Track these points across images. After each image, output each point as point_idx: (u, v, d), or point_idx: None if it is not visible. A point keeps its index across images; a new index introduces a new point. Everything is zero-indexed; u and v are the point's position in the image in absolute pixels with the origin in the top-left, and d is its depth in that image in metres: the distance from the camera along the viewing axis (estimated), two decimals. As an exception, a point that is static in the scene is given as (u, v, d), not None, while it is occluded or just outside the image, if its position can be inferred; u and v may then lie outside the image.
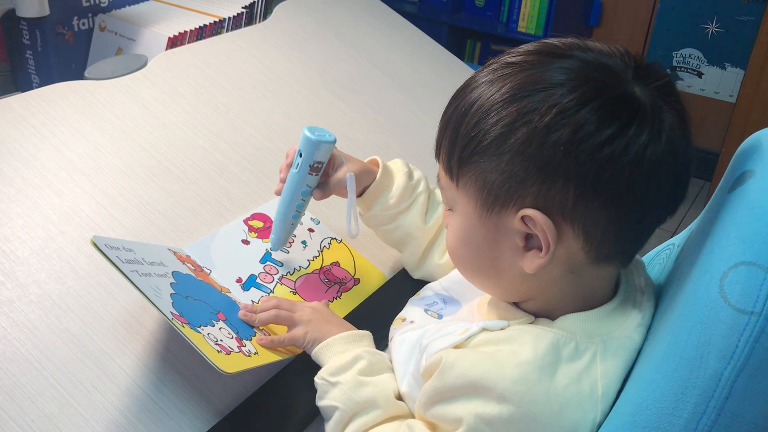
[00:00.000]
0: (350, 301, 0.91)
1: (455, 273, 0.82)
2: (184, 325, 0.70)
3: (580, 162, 0.55)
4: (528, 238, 0.60)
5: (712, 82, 2.71)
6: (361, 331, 0.79)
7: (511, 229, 0.60)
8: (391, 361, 0.76)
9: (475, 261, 0.66)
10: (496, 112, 0.58)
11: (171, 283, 0.76)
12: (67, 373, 0.73)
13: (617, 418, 0.57)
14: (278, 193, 0.89)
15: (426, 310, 0.80)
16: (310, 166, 0.86)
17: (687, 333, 0.52)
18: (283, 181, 0.88)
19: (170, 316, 0.69)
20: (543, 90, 0.56)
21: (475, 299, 0.75)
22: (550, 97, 0.56)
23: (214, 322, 0.75)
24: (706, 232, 0.60)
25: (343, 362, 0.73)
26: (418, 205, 0.90)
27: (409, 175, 0.91)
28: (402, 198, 0.89)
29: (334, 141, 0.86)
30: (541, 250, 0.59)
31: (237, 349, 0.73)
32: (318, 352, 0.76)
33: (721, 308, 0.50)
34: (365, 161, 0.91)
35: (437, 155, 0.66)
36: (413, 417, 0.69)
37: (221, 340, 0.72)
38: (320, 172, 0.87)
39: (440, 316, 0.78)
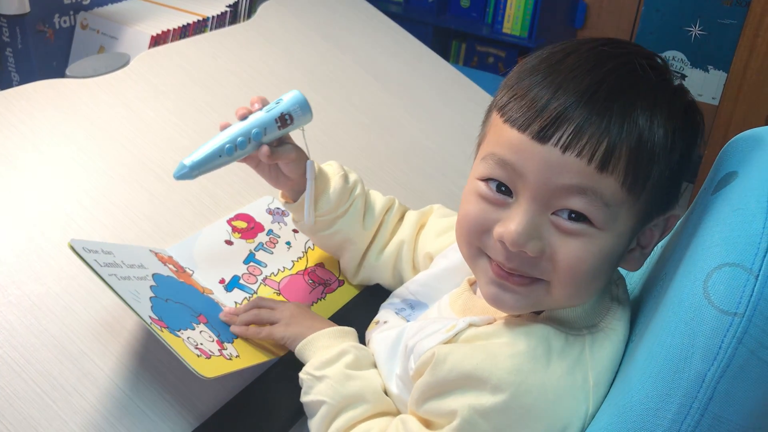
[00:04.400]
0: (335, 302, 0.90)
1: (422, 276, 0.82)
2: (163, 329, 0.69)
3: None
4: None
5: (695, 85, 2.73)
6: (345, 327, 0.79)
7: (639, 233, 0.62)
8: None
9: (603, 279, 0.62)
10: (666, 120, 0.58)
11: (151, 286, 0.75)
12: (47, 375, 0.72)
13: (602, 418, 0.57)
14: (222, 128, 0.80)
15: (397, 313, 0.80)
16: (281, 113, 0.80)
17: (671, 334, 0.52)
18: (239, 117, 0.80)
19: (149, 321, 0.68)
20: (682, 109, 0.60)
21: (442, 298, 0.75)
22: (682, 115, 0.60)
23: (194, 325, 0.74)
24: (689, 233, 0.60)
25: (328, 356, 0.72)
26: (356, 209, 0.87)
27: (345, 178, 0.87)
28: (339, 202, 0.85)
29: (311, 118, 0.83)
30: (645, 248, 0.63)
31: (218, 353, 0.72)
32: (302, 348, 0.75)
33: (705, 309, 0.50)
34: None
35: (604, 167, 0.56)
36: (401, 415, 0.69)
37: (201, 344, 0.71)
38: (283, 129, 0.81)
39: (408, 321, 0.78)
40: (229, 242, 0.93)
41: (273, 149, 0.80)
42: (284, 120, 0.81)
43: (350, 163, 1.15)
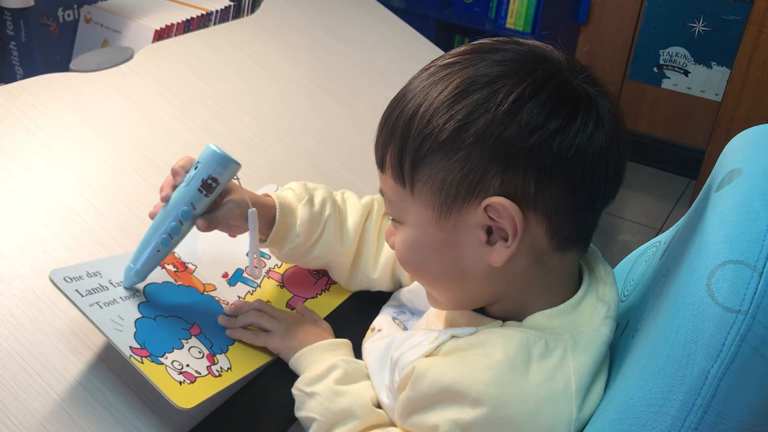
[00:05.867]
0: (338, 294, 0.90)
1: (415, 284, 0.82)
2: (144, 359, 0.69)
3: (536, 150, 0.56)
4: (489, 232, 0.59)
5: (698, 81, 2.73)
6: (339, 339, 0.79)
7: (473, 224, 0.59)
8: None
9: (435, 268, 0.63)
10: (446, 108, 0.57)
11: (140, 304, 0.75)
12: (51, 368, 0.72)
13: (604, 415, 0.57)
14: (152, 216, 0.76)
15: (394, 318, 0.80)
16: (202, 180, 0.73)
17: (674, 331, 0.52)
18: (163, 200, 0.75)
19: (128, 353, 0.68)
20: (489, 84, 0.57)
21: (430, 309, 0.74)
22: (499, 89, 0.56)
23: (183, 341, 0.74)
24: (693, 230, 0.60)
25: (318, 372, 0.72)
26: (330, 231, 0.84)
27: (311, 202, 0.82)
28: (311, 231, 0.82)
29: (239, 166, 0.75)
30: (506, 241, 0.59)
31: (206, 371, 0.72)
32: (295, 362, 0.76)
33: (709, 306, 0.50)
34: (258, 193, 0.82)
35: (382, 168, 0.64)
36: (394, 425, 0.69)
37: (188, 365, 0.71)
38: (212, 195, 0.74)
39: (405, 328, 0.78)
40: (232, 235, 0.93)
41: (210, 217, 0.75)
42: (208, 185, 0.73)
43: (353, 157, 1.15)
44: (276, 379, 0.78)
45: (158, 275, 0.81)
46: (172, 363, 0.71)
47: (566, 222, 0.59)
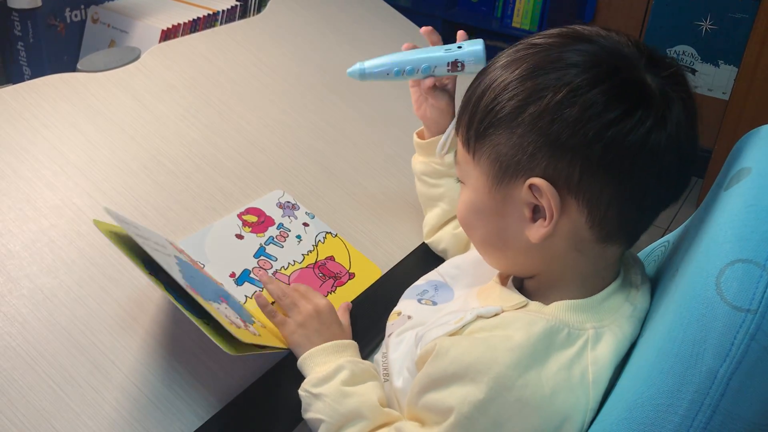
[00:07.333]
0: (345, 295, 0.90)
1: (459, 258, 0.85)
2: (198, 296, 0.71)
3: (587, 140, 0.58)
4: (535, 210, 0.63)
5: (705, 80, 2.72)
6: (345, 341, 0.79)
7: (519, 199, 0.63)
8: (386, 362, 0.75)
9: (483, 231, 0.68)
10: (513, 87, 0.61)
11: (176, 263, 0.77)
12: (59, 367, 0.72)
13: (612, 414, 0.57)
14: (406, 48, 0.93)
15: (419, 300, 0.80)
16: (455, 59, 0.89)
17: (683, 330, 0.52)
18: (433, 43, 0.93)
19: (185, 284, 0.70)
20: (558, 69, 0.60)
21: (474, 287, 0.75)
22: (563, 76, 0.59)
23: (220, 300, 0.77)
24: (701, 229, 0.60)
25: (324, 373, 0.73)
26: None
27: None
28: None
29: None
30: (544, 219, 0.62)
31: (244, 327, 0.74)
32: (301, 363, 0.77)
33: (718, 305, 0.50)
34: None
35: (457, 130, 0.69)
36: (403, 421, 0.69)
37: (229, 317, 0.73)
38: (452, 73, 0.90)
39: (435, 303, 0.78)
40: (239, 236, 0.94)
41: (435, 89, 0.92)
42: (456, 66, 0.89)
43: (361, 157, 1.15)
44: (282, 379, 0.78)
45: (180, 255, 0.82)
46: (217, 308, 0.73)
47: (608, 214, 0.61)
